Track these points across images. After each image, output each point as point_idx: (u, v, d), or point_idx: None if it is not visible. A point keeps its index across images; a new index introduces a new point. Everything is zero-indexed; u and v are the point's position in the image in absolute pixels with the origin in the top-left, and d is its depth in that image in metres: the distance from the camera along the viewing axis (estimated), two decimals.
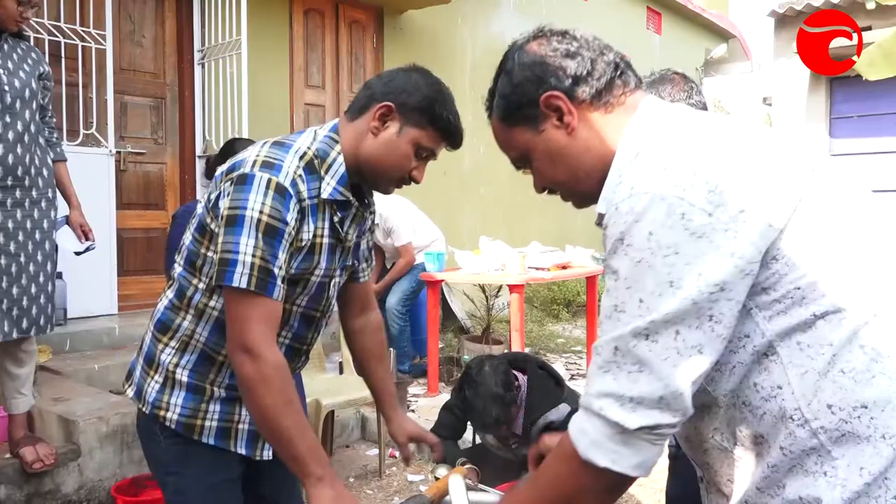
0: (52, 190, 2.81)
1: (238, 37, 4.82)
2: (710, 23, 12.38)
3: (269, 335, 1.36)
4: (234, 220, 1.34)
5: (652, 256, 0.88)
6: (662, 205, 0.89)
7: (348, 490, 1.39)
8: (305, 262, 1.46)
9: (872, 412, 0.88)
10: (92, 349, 4.09)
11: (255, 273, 1.33)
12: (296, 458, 1.35)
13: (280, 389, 1.34)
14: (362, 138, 1.46)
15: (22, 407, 2.84)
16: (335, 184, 1.45)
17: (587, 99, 1.06)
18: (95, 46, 4.35)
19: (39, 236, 2.73)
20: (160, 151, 5.13)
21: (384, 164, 1.46)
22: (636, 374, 0.90)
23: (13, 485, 2.77)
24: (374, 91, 1.46)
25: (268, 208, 1.34)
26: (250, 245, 1.33)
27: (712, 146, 0.94)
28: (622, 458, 0.92)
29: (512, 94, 1.10)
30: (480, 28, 7.79)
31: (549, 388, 2.85)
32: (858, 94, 6.75)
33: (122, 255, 4.66)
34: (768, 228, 0.89)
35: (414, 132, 1.44)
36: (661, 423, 0.90)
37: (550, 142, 1.08)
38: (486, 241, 4.89)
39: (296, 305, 1.52)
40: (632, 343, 0.90)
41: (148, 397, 1.53)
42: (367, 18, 6.58)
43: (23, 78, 2.68)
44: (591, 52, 1.07)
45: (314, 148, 1.45)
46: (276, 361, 1.35)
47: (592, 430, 0.94)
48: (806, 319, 0.90)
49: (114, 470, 3.02)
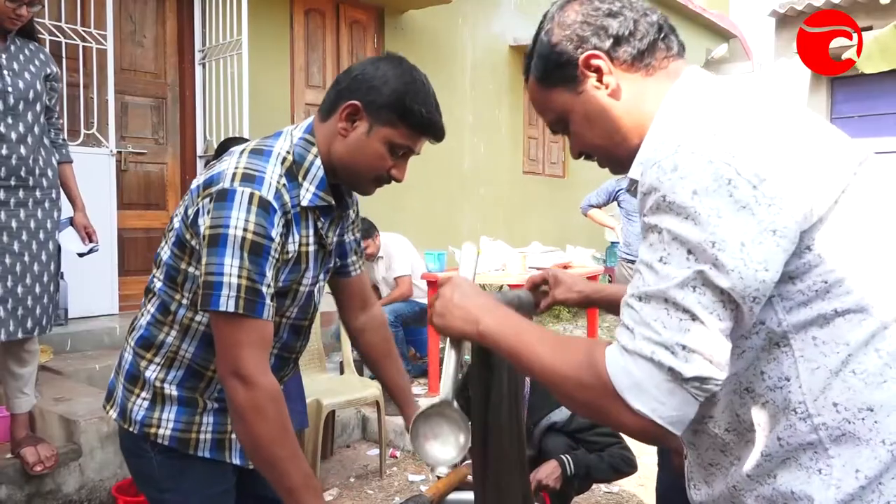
0: (56, 190, 2.82)
1: (239, 37, 4.83)
2: (711, 23, 12.38)
3: (263, 360, 1.30)
4: (216, 240, 1.26)
5: (696, 214, 0.84)
6: (710, 167, 0.85)
7: None
8: (293, 273, 1.41)
9: (877, 416, 0.88)
10: (93, 349, 4.10)
11: (242, 294, 1.26)
12: (290, 490, 1.30)
13: (275, 419, 1.29)
14: (333, 140, 1.38)
15: (24, 406, 2.85)
16: (315, 189, 1.39)
17: (628, 60, 1.02)
18: (96, 46, 4.35)
19: (43, 236, 2.74)
20: (161, 151, 5.14)
21: (357, 166, 1.38)
22: (688, 323, 0.85)
23: (14, 485, 2.78)
24: (342, 88, 1.37)
25: (252, 225, 1.26)
26: (235, 266, 1.25)
27: (763, 121, 0.92)
28: (665, 407, 0.86)
29: (551, 53, 1.06)
30: (481, 28, 7.79)
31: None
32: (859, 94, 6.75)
33: (122, 255, 4.66)
34: (810, 213, 0.86)
35: (385, 131, 1.35)
36: (713, 377, 0.85)
37: (589, 103, 1.05)
38: (486, 241, 4.89)
39: (285, 318, 1.48)
40: (682, 294, 0.85)
41: (135, 416, 1.46)
42: (367, 18, 6.59)
43: (27, 79, 2.68)
44: (634, 13, 1.04)
45: (292, 152, 1.38)
46: (271, 389, 1.29)
47: (639, 371, 0.87)
48: (826, 314, 0.88)
49: (114, 470, 3.02)
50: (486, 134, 7.64)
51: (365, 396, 3.65)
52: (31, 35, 2.80)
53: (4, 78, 2.62)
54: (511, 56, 8.14)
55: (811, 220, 0.87)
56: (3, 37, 2.67)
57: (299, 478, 1.30)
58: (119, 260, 4.55)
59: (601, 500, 3.45)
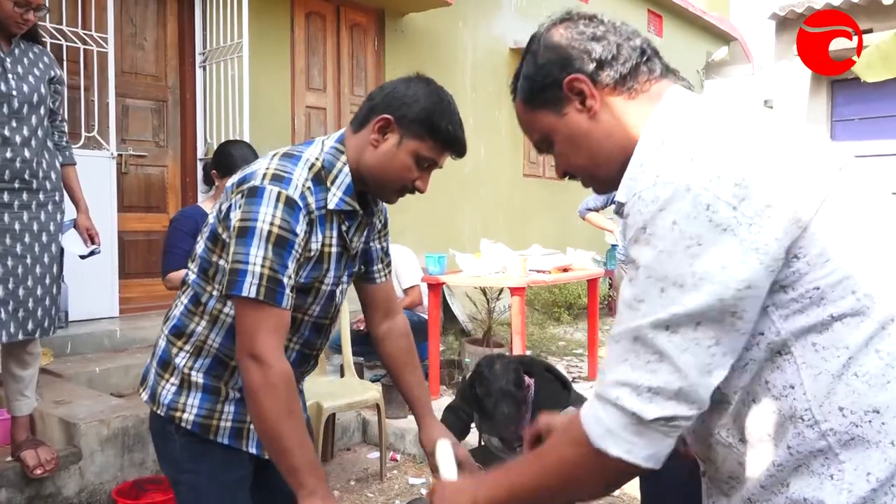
0: (59, 193, 2.82)
1: (239, 40, 4.83)
2: (711, 25, 12.39)
3: (278, 344, 1.38)
4: (245, 232, 1.36)
5: (674, 246, 0.87)
6: (688, 195, 0.87)
7: (332, 498, 1.38)
8: (315, 270, 1.49)
9: (884, 417, 0.88)
10: (93, 352, 4.09)
11: (263, 283, 1.35)
12: (292, 468, 1.35)
13: (284, 399, 1.36)
14: (363, 150, 1.48)
15: (25, 409, 2.84)
16: (341, 194, 1.48)
17: (611, 83, 1.04)
18: (97, 49, 4.35)
19: (46, 239, 2.74)
20: (161, 154, 5.14)
21: (385, 176, 1.48)
22: (655, 365, 0.89)
23: (14, 488, 2.77)
24: (375, 103, 1.48)
25: (278, 220, 1.37)
26: (260, 256, 1.35)
27: (740, 139, 0.93)
28: (636, 448, 0.91)
29: (536, 75, 1.09)
30: (481, 31, 7.80)
31: (557, 390, 2.85)
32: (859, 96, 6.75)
33: (123, 257, 4.66)
34: (793, 225, 0.87)
35: (413, 143, 1.45)
36: (678, 415, 0.89)
37: (572, 125, 1.07)
38: (486, 244, 4.88)
39: (307, 315, 1.56)
40: (651, 334, 0.89)
41: (163, 399, 1.56)
42: (368, 21, 6.59)
43: (31, 83, 2.69)
44: (618, 37, 1.06)
45: (321, 159, 1.48)
46: (282, 371, 1.36)
47: (607, 418, 0.92)
48: (823, 320, 0.89)
49: (115, 473, 3.01)
50: (487, 136, 7.64)
51: (365, 399, 3.64)
52: (34, 38, 2.81)
53: (9, 81, 2.63)
54: (511, 58, 8.15)
55: (795, 233, 0.88)
56: (8, 41, 2.68)
57: (303, 459, 1.35)
58: (119, 263, 4.54)
59: (601, 501, 3.45)
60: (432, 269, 4.75)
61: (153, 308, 4.82)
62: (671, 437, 0.91)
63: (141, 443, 3.09)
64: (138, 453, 3.08)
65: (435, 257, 4.78)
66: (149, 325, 4.42)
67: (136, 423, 3.07)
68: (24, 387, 2.82)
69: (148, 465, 3.11)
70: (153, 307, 4.83)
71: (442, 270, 4.79)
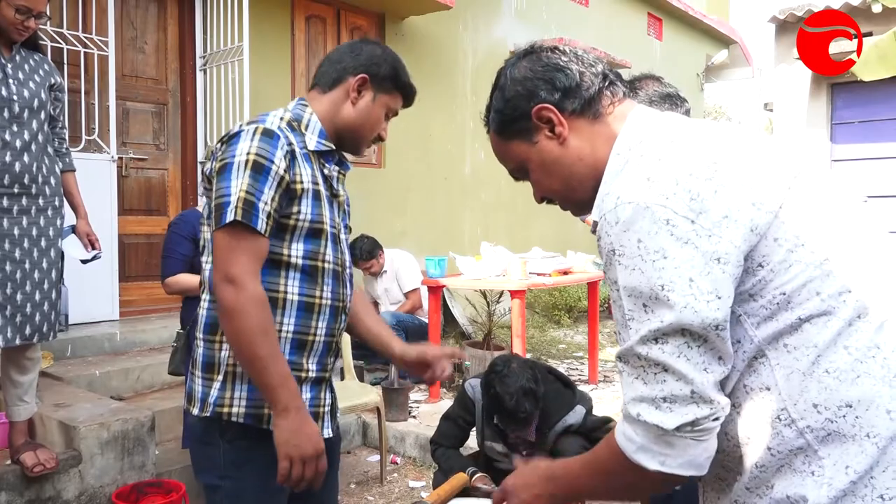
0: (59, 198, 2.83)
1: (240, 43, 4.84)
2: (711, 28, 12.39)
3: (253, 269, 1.43)
4: (224, 169, 1.45)
5: (643, 262, 0.92)
6: (647, 213, 0.93)
7: (312, 425, 1.44)
8: (316, 207, 1.55)
9: (857, 411, 0.90)
10: (93, 355, 4.09)
11: (239, 205, 1.41)
12: (266, 386, 1.42)
13: (257, 320, 1.40)
14: (339, 107, 1.62)
15: (24, 414, 2.84)
16: (317, 137, 1.60)
17: (577, 109, 1.10)
18: (97, 52, 4.36)
19: (45, 244, 2.74)
20: (162, 157, 5.14)
21: (363, 128, 1.64)
22: (662, 376, 0.93)
23: (14, 491, 2.77)
24: (346, 65, 1.62)
25: (255, 148, 1.45)
26: (237, 185, 1.42)
27: (696, 154, 0.98)
28: (670, 458, 0.94)
29: (505, 108, 1.15)
30: (482, 34, 7.81)
31: (561, 391, 2.84)
32: (860, 99, 6.75)
33: (123, 261, 4.66)
34: (751, 233, 0.92)
35: (385, 98, 1.65)
36: (699, 417, 0.92)
37: (544, 152, 1.13)
38: (487, 247, 4.88)
39: (325, 263, 1.59)
40: (646, 349, 0.93)
41: (210, 399, 1.54)
42: (368, 25, 6.60)
43: (32, 88, 2.70)
44: (580, 65, 1.12)
45: (289, 113, 1.60)
46: (256, 293, 1.42)
47: (636, 435, 0.96)
48: (792, 323, 0.93)
49: (115, 476, 3.01)
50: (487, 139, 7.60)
51: (365, 402, 3.64)
52: (34, 46, 2.82)
53: (10, 87, 2.64)
54: None
55: (753, 240, 0.92)
56: (9, 47, 2.69)
57: (276, 376, 1.41)
58: (120, 266, 4.54)
59: None
60: (432, 272, 4.75)
61: (153, 311, 4.82)
62: (702, 441, 0.94)
63: (141, 446, 3.09)
64: (138, 456, 3.08)
65: (435, 260, 4.77)
66: (149, 328, 4.42)
67: (136, 426, 3.07)
68: (24, 392, 2.81)
69: (148, 468, 3.11)
70: (153, 310, 4.83)
71: (442, 273, 4.78)
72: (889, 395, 0.90)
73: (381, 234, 5.57)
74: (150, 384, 3.93)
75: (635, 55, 9.53)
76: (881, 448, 0.89)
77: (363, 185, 6.31)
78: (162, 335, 4.42)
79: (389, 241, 5.88)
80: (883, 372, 0.91)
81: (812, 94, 7.01)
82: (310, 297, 1.56)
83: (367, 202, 6.26)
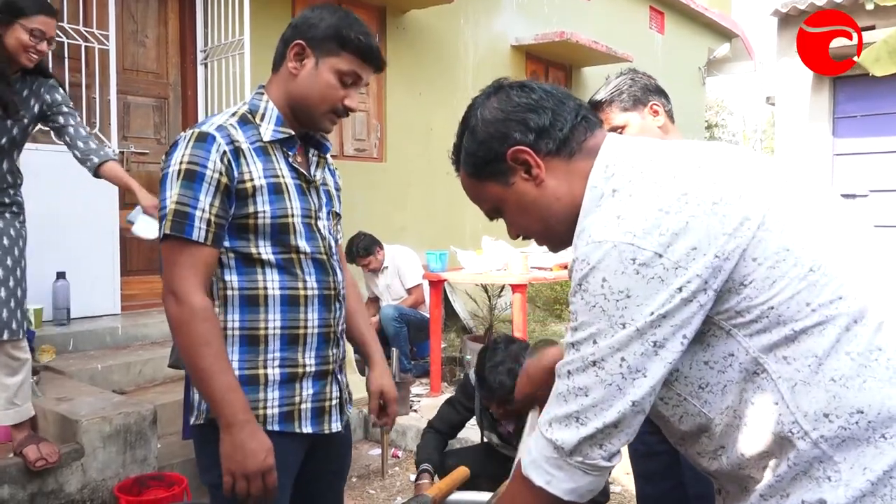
0: (17, 206, 2.80)
1: (241, 37, 4.83)
2: (713, 22, 12.36)
3: (194, 281, 1.41)
4: (162, 180, 1.43)
5: (605, 301, 0.94)
6: (615, 251, 0.93)
7: (259, 440, 1.40)
8: (278, 203, 1.48)
9: (868, 416, 0.90)
10: (95, 349, 4.10)
11: (170, 217, 1.39)
12: (210, 398, 1.40)
13: (198, 331, 1.39)
14: (287, 83, 1.52)
15: (15, 418, 2.79)
16: (273, 127, 1.51)
17: (553, 149, 1.08)
18: (98, 47, 4.35)
19: (7, 242, 2.72)
20: (163, 151, 5.11)
21: (311, 99, 1.50)
22: (582, 399, 0.97)
23: (16, 484, 2.78)
24: (286, 36, 1.52)
25: (187, 157, 1.40)
26: (171, 196, 1.40)
27: (665, 187, 0.97)
28: (556, 480, 1.00)
29: (478, 150, 1.12)
30: (483, 28, 7.79)
31: None
32: (862, 93, 6.73)
33: (125, 255, 4.65)
34: (718, 260, 0.92)
35: (330, 60, 1.48)
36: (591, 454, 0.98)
37: (520, 194, 1.11)
38: (488, 241, 4.88)
39: (300, 255, 1.53)
40: (580, 369, 0.97)
41: (202, 407, 1.51)
42: (369, 18, 6.58)
43: (23, 122, 2.70)
44: (552, 102, 1.09)
45: (246, 105, 1.54)
46: (198, 305, 1.39)
47: (535, 449, 1.02)
48: (787, 335, 0.93)
49: (117, 469, 3.02)
50: None
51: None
52: (43, 71, 2.79)
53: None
54: (513, 55, 8.14)
55: (722, 265, 0.92)
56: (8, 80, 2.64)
57: (218, 390, 1.38)
58: (121, 260, 4.54)
59: None
60: (434, 267, 4.76)
61: (155, 305, 4.82)
62: (590, 476, 0.99)
63: (143, 439, 3.09)
64: (140, 450, 3.09)
65: (436, 254, 4.78)
66: (150, 321, 4.43)
67: (138, 419, 3.08)
68: (13, 395, 2.76)
69: (150, 461, 3.11)
70: (155, 304, 4.83)
71: (443, 268, 4.79)
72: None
73: (381, 228, 5.57)
74: (152, 378, 3.93)
75: (637, 49, 9.51)
76: None
77: (364, 180, 6.31)
78: (163, 329, 4.43)
79: (390, 236, 5.89)
80: (888, 373, 0.91)
81: (814, 88, 7.00)
82: (293, 290, 1.52)
83: (367, 196, 6.26)
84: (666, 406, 1.04)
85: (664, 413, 1.05)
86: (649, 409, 0.98)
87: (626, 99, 2.06)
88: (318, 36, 1.47)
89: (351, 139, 6.52)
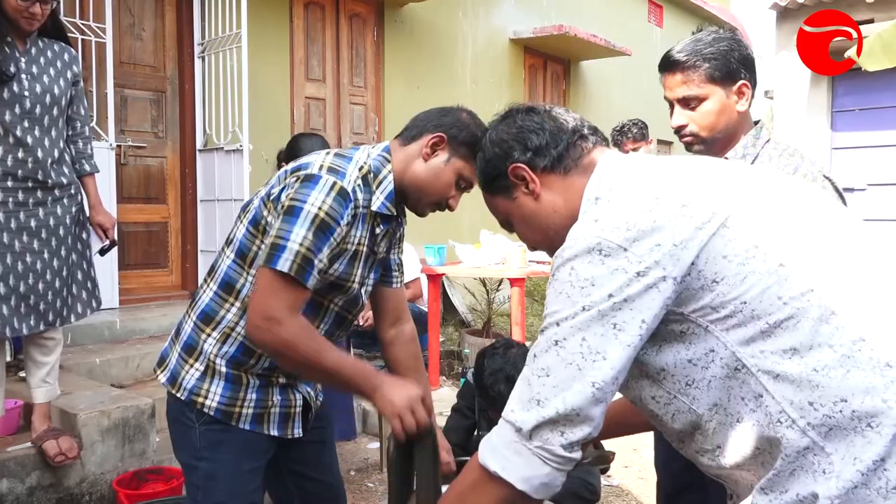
0: (74, 186, 2.82)
1: (238, 30, 4.81)
2: (712, 16, 12.33)
3: (294, 308, 1.46)
4: (292, 211, 1.45)
5: (571, 288, 1.01)
6: (583, 244, 1.01)
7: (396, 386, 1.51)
8: (349, 266, 1.58)
9: (853, 405, 0.91)
10: (93, 343, 4.10)
11: (297, 260, 1.43)
12: (350, 383, 1.51)
13: (306, 344, 1.45)
14: (411, 162, 1.61)
15: (47, 396, 2.87)
16: (384, 199, 1.59)
17: (548, 166, 1.20)
18: (95, 40, 4.33)
19: (62, 232, 2.76)
20: (160, 145, 5.12)
21: (429, 188, 1.61)
22: (544, 379, 1.02)
23: (15, 478, 2.78)
24: (428, 122, 1.62)
25: (327, 206, 1.46)
26: (300, 235, 1.43)
27: (640, 192, 1.05)
28: (512, 466, 1.02)
29: (486, 168, 1.27)
30: (481, 21, 7.76)
31: None
32: (860, 87, 6.73)
33: (122, 249, 4.65)
34: (676, 249, 0.98)
35: (459, 163, 1.60)
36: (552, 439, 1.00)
37: (522, 207, 1.24)
38: (486, 235, 4.89)
39: (334, 304, 1.63)
40: (544, 350, 1.03)
41: (185, 384, 1.61)
42: (367, 12, 6.56)
43: (45, 83, 2.67)
44: (552, 123, 1.22)
45: (369, 164, 1.59)
46: (297, 323, 1.45)
47: (496, 435, 1.06)
48: (763, 329, 0.95)
49: (115, 463, 3.02)
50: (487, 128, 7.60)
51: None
52: (60, 35, 2.78)
53: (22, 82, 2.62)
54: (511, 49, 8.12)
55: (681, 257, 0.97)
56: (23, 40, 2.65)
57: (348, 375, 1.50)
58: (119, 254, 4.54)
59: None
60: (432, 261, 4.76)
61: (153, 299, 4.82)
62: (549, 466, 1.01)
63: (141, 433, 3.10)
64: (139, 444, 3.09)
65: (434, 248, 4.78)
66: (148, 316, 4.43)
67: (137, 413, 3.08)
68: (47, 373, 2.85)
69: (148, 455, 3.12)
70: (153, 298, 4.83)
71: (441, 262, 4.79)
72: (882, 384, 0.91)
73: None
74: (150, 372, 3.93)
75: (636, 42, 9.49)
76: (891, 437, 0.89)
77: None
78: (162, 323, 4.43)
79: None
80: (872, 363, 0.92)
81: (812, 82, 6.99)
82: None
83: None
84: (658, 405, 1.07)
85: (657, 412, 1.09)
86: (611, 399, 1.02)
87: (718, 67, 1.71)
88: (458, 137, 1.59)
89: (349, 132, 6.51)
